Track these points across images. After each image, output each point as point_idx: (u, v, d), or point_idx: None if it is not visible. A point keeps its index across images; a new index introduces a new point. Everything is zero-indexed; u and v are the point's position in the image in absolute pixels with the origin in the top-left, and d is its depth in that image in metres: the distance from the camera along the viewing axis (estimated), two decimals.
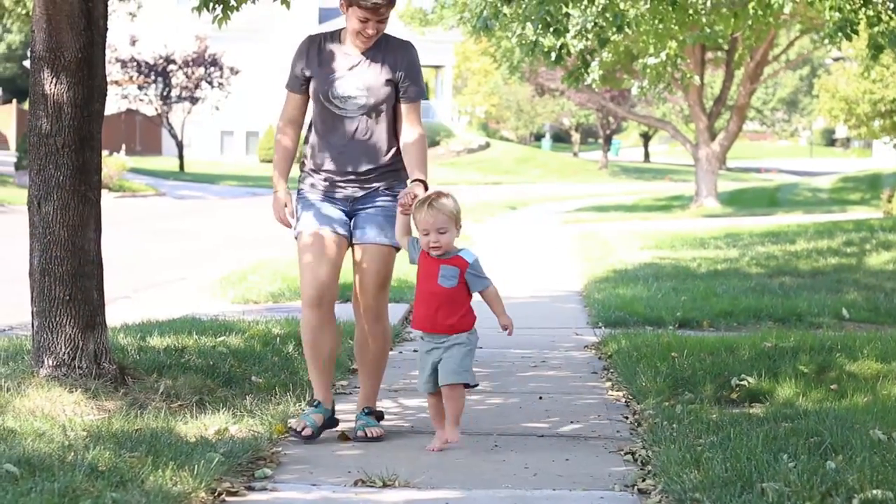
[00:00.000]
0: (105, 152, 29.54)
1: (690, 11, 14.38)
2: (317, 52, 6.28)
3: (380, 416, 6.39)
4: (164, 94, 55.11)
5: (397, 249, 6.27)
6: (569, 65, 15.78)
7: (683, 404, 6.70)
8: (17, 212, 27.55)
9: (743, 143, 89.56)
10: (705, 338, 8.98)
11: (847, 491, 4.72)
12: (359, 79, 6.19)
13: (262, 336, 8.66)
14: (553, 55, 12.61)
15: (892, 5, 12.15)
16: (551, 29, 11.82)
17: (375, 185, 6.25)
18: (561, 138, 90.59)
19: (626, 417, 6.80)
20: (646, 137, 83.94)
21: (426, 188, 6.03)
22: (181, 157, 56.63)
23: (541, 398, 7.37)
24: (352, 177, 6.24)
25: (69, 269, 6.66)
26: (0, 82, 77.12)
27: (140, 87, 54.98)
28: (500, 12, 12.44)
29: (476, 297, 6.00)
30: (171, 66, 54.72)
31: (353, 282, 6.31)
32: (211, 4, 8.41)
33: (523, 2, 12.51)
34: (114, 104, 55.19)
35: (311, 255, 6.15)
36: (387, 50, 6.23)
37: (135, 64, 53.84)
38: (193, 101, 55.46)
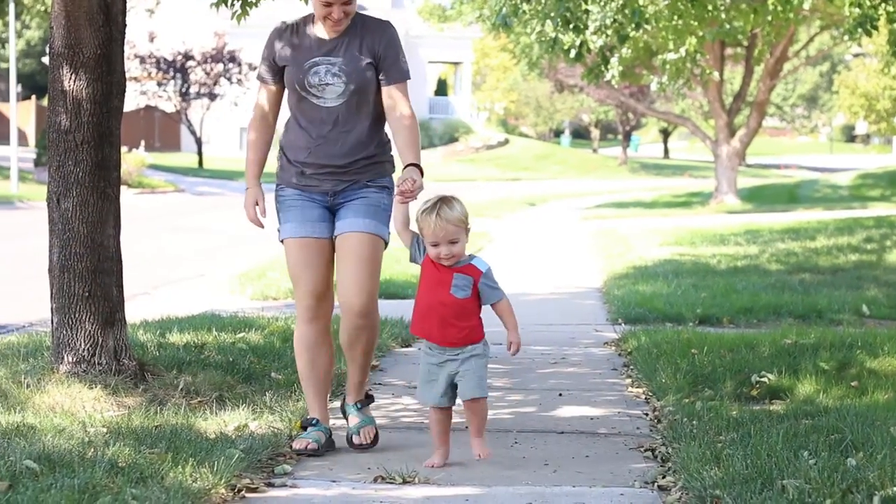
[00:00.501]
0: (124, 148, 29.59)
1: (709, 7, 14.35)
2: (289, 39, 5.85)
3: (369, 401, 6.06)
4: (183, 90, 55.22)
5: (386, 244, 5.84)
6: (588, 61, 15.77)
7: (703, 401, 6.68)
8: (36, 208, 27.65)
9: (762, 139, 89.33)
10: (725, 334, 8.96)
11: (868, 488, 4.70)
12: (336, 64, 5.75)
13: (281, 332, 8.65)
14: (573, 52, 12.58)
15: None
16: (571, 26, 11.81)
17: (356, 177, 5.79)
18: (580, 134, 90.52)
19: (646, 414, 6.79)
20: (665, 134, 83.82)
21: (421, 172, 5.55)
22: (200, 153, 56.73)
23: (560, 395, 7.36)
24: (330, 170, 5.78)
25: (88, 265, 6.66)
26: (19, 79, 77.18)
27: (159, 84, 55.12)
28: (518, 9, 12.42)
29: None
30: (190, 63, 54.82)
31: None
32: (229, 0, 8.40)
33: None
34: (133, 100, 55.32)
35: (300, 267, 5.79)
36: (364, 31, 5.79)
37: (153, 60, 53.97)
38: (212, 97, 55.55)
